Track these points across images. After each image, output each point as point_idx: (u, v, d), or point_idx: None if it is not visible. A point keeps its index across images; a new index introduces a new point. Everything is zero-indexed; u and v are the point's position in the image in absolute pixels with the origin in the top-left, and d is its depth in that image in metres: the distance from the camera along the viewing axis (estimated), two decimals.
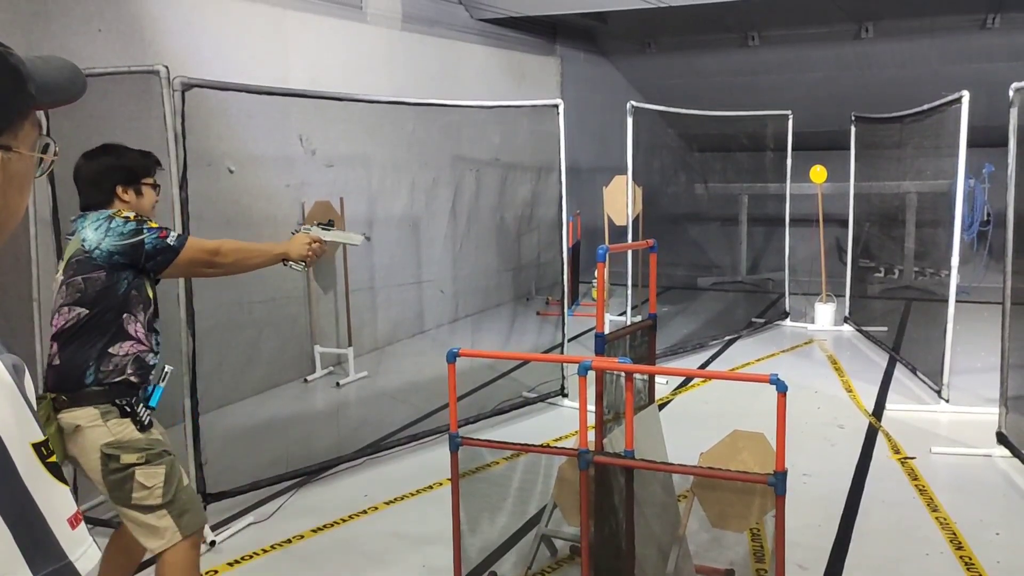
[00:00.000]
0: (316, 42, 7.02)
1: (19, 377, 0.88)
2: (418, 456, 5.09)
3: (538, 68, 10.69)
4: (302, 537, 4.06)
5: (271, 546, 3.96)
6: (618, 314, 7.50)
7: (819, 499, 4.35)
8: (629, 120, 6.54)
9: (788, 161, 8.47)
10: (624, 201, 7.01)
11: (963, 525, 4.03)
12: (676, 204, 11.96)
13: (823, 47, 10.67)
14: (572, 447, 3.23)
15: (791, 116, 8.36)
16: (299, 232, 3.15)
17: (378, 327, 7.86)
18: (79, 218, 2.79)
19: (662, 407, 5.65)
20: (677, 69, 11.65)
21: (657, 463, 3.18)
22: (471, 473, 4.16)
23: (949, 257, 5.83)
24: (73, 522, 0.89)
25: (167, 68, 3.87)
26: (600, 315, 3.45)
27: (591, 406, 3.06)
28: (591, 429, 3.09)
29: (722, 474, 2.95)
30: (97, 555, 0.91)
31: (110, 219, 2.71)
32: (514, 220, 9.85)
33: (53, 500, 0.87)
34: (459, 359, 3.16)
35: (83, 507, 4.19)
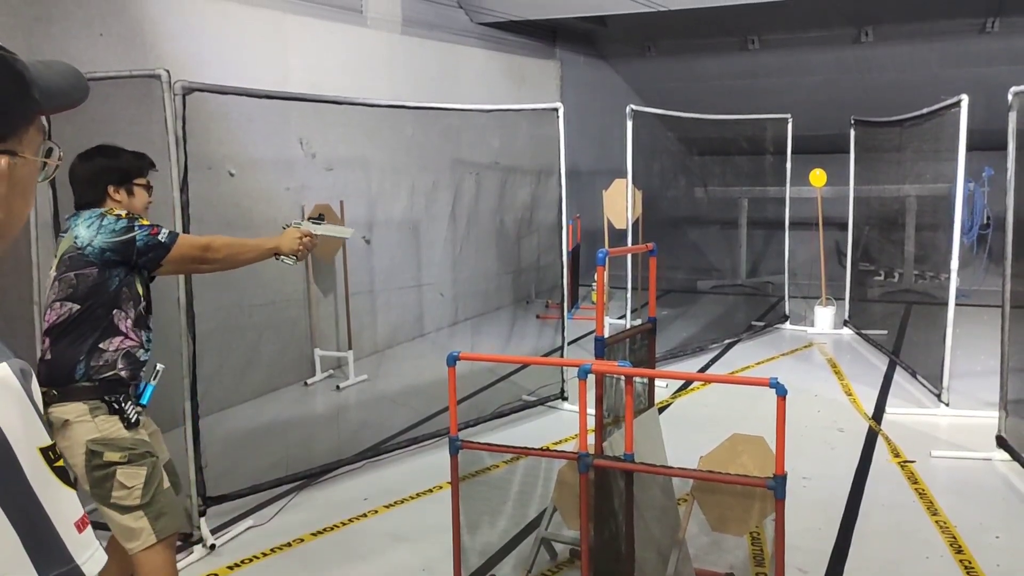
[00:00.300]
0: (316, 46, 7.03)
1: (27, 382, 0.88)
2: (418, 459, 5.09)
3: (538, 72, 10.71)
4: (302, 540, 4.06)
5: (271, 549, 3.96)
6: (618, 317, 7.51)
7: (819, 503, 4.35)
8: (629, 123, 6.54)
9: (788, 164, 8.48)
10: (624, 204, 7.01)
11: (963, 528, 4.03)
12: (676, 207, 11.97)
13: (823, 51, 10.68)
14: (572, 450, 3.24)
15: (791, 120, 8.37)
16: (290, 227, 3.18)
17: (378, 330, 7.86)
18: (73, 216, 2.83)
19: (662, 410, 5.65)
20: (677, 73, 11.66)
21: (657, 467, 3.18)
22: (471, 476, 4.15)
23: (949, 260, 5.84)
24: (80, 526, 0.90)
25: (168, 72, 3.88)
26: (600, 318, 3.45)
27: (591, 409, 3.07)
28: (591, 432, 3.09)
29: (722, 478, 2.95)
30: (104, 559, 0.92)
31: (102, 217, 2.75)
32: (514, 223, 9.85)
33: (60, 504, 0.88)
34: (459, 362, 3.17)
35: (85, 510, 4.18)
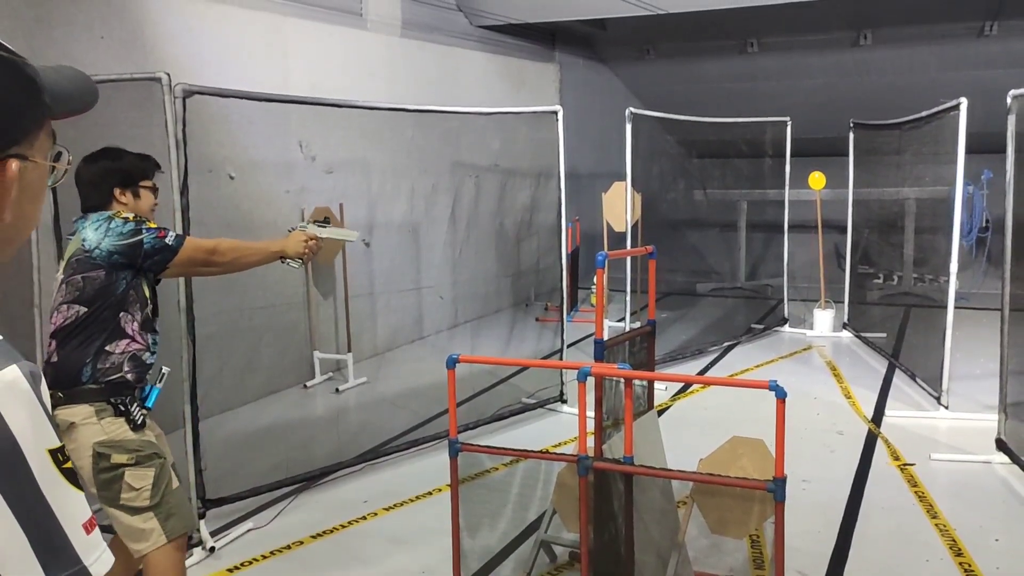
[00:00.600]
0: (316, 49, 7.04)
1: (36, 384, 0.89)
2: (417, 462, 5.09)
3: (537, 75, 10.72)
4: (301, 543, 4.06)
5: (270, 552, 3.96)
6: (617, 320, 7.52)
7: (818, 505, 4.35)
8: (628, 126, 6.55)
9: (787, 167, 8.49)
10: (623, 207, 7.02)
11: (962, 531, 4.03)
12: (675, 210, 11.97)
13: (822, 54, 10.69)
14: (571, 453, 3.24)
15: (790, 122, 8.38)
16: (295, 230, 3.18)
17: (378, 333, 7.87)
18: (80, 219, 2.83)
19: (661, 413, 5.65)
20: (676, 75, 11.67)
21: (656, 469, 3.18)
22: (470, 479, 4.16)
23: (948, 263, 5.84)
24: (88, 527, 0.90)
25: (168, 75, 3.88)
26: (599, 321, 3.46)
27: (590, 412, 3.07)
28: (590, 435, 3.09)
29: (721, 480, 2.95)
30: (111, 560, 0.93)
31: (110, 219, 2.76)
32: (513, 226, 9.86)
33: (68, 505, 0.89)
34: (458, 365, 3.17)
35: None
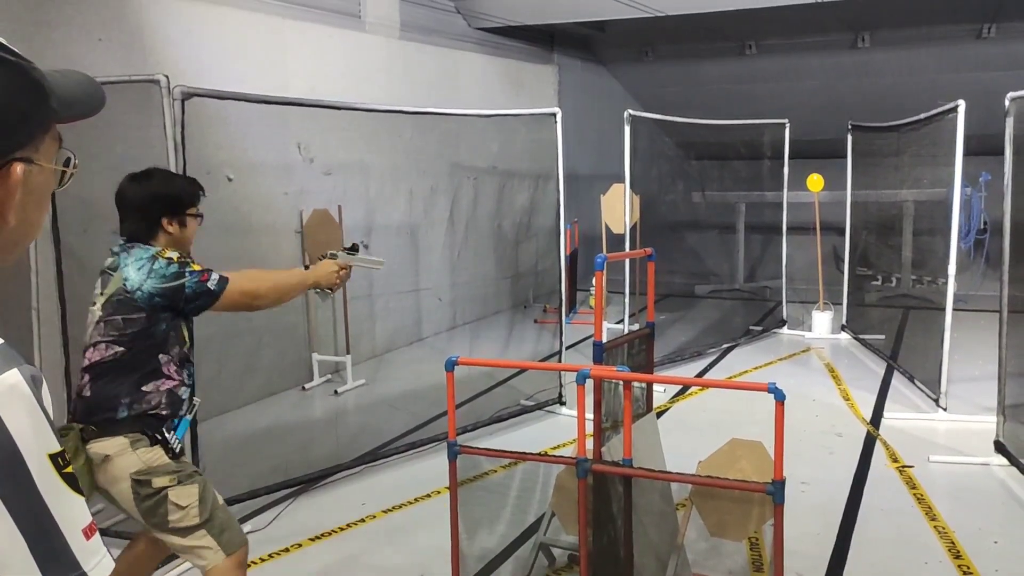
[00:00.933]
0: (315, 51, 7.04)
1: (37, 388, 0.89)
2: (416, 464, 5.08)
3: (536, 76, 10.73)
4: (300, 546, 4.05)
5: (269, 554, 3.96)
6: (616, 322, 7.51)
7: (817, 508, 4.35)
8: (627, 128, 6.55)
9: (785, 169, 8.49)
10: (622, 209, 7.02)
11: (961, 533, 4.03)
12: (674, 212, 11.99)
13: (820, 56, 10.71)
14: (570, 455, 3.23)
15: (788, 124, 8.39)
16: (326, 258, 3.11)
17: (376, 335, 7.86)
18: (123, 251, 2.69)
19: (660, 415, 5.65)
20: (674, 77, 11.69)
21: (655, 472, 3.18)
22: (469, 481, 4.16)
23: (946, 265, 5.84)
24: (88, 532, 0.90)
25: (167, 77, 3.89)
26: (598, 323, 3.45)
27: (589, 414, 3.07)
28: (589, 437, 3.09)
29: (720, 483, 2.95)
30: (111, 565, 0.92)
31: (153, 260, 2.64)
32: (512, 228, 9.86)
33: (68, 510, 0.88)
34: (457, 367, 3.17)
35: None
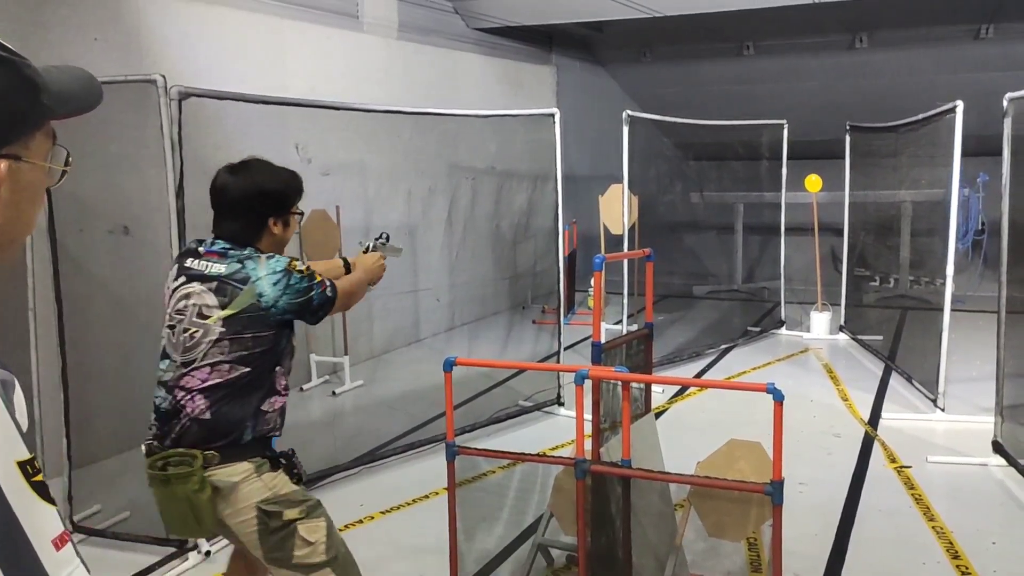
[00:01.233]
0: (313, 51, 7.04)
1: (7, 393, 0.86)
2: (414, 465, 5.08)
3: (534, 77, 10.72)
4: None
5: None
6: (614, 323, 7.51)
7: (816, 508, 4.35)
8: (625, 129, 6.55)
9: (783, 170, 8.50)
10: (620, 210, 7.02)
11: (959, 534, 4.03)
12: (672, 213, 11.98)
13: (818, 57, 10.71)
14: (569, 456, 3.23)
15: (786, 125, 8.39)
16: (366, 251, 3.00)
17: (374, 336, 7.85)
18: (248, 259, 2.43)
19: (659, 416, 5.64)
20: (673, 78, 11.69)
21: (654, 472, 3.18)
22: (467, 482, 4.15)
23: (944, 266, 5.84)
24: (58, 543, 0.86)
25: (164, 77, 3.88)
26: (596, 324, 3.45)
27: (588, 415, 3.06)
28: (588, 438, 3.09)
29: (719, 483, 2.95)
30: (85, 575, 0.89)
31: (288, 274, 2.42)
32: (510, 229, 9.86)
33: (38, 520, 0.85)
34: (455, 368, 3.16)
35: (80, 516, 4.16)
